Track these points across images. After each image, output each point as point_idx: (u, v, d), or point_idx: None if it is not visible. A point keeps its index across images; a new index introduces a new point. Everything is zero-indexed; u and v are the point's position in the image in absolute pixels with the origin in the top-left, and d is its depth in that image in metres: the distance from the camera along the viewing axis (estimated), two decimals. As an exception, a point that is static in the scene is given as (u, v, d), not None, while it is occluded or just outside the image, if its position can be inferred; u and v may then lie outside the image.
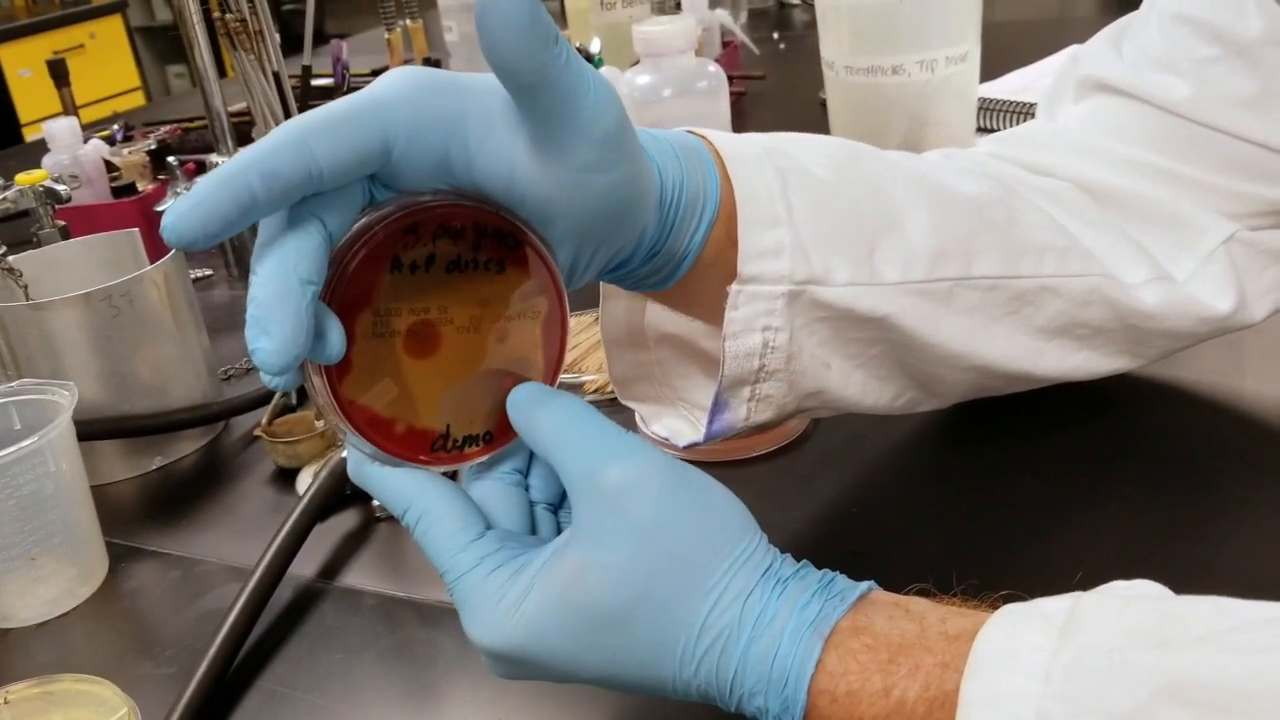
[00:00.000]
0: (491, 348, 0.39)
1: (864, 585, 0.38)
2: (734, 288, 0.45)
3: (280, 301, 0.34)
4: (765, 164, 0.46)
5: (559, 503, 0.42)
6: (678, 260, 0.45)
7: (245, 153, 0.34)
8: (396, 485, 0.40)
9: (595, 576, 0.37)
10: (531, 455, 0.42)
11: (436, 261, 0.38)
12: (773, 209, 0.45)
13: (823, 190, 0.47)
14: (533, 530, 0.41)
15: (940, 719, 0.34)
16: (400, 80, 0.37)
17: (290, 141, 0.34)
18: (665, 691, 0.38)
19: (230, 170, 0.34)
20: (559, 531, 0.41)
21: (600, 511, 0.37)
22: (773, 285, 0.45)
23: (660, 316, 0.52)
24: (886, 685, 0.35)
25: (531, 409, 0.39)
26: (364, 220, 0.37)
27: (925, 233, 0.49)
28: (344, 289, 0.36)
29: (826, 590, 0.38)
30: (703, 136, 0.46)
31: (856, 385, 0.50)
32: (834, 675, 0.36)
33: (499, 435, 0.40)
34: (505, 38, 0.34)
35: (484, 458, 0.40)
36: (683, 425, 0.53)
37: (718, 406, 0.48)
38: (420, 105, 0.36)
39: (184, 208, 0.34)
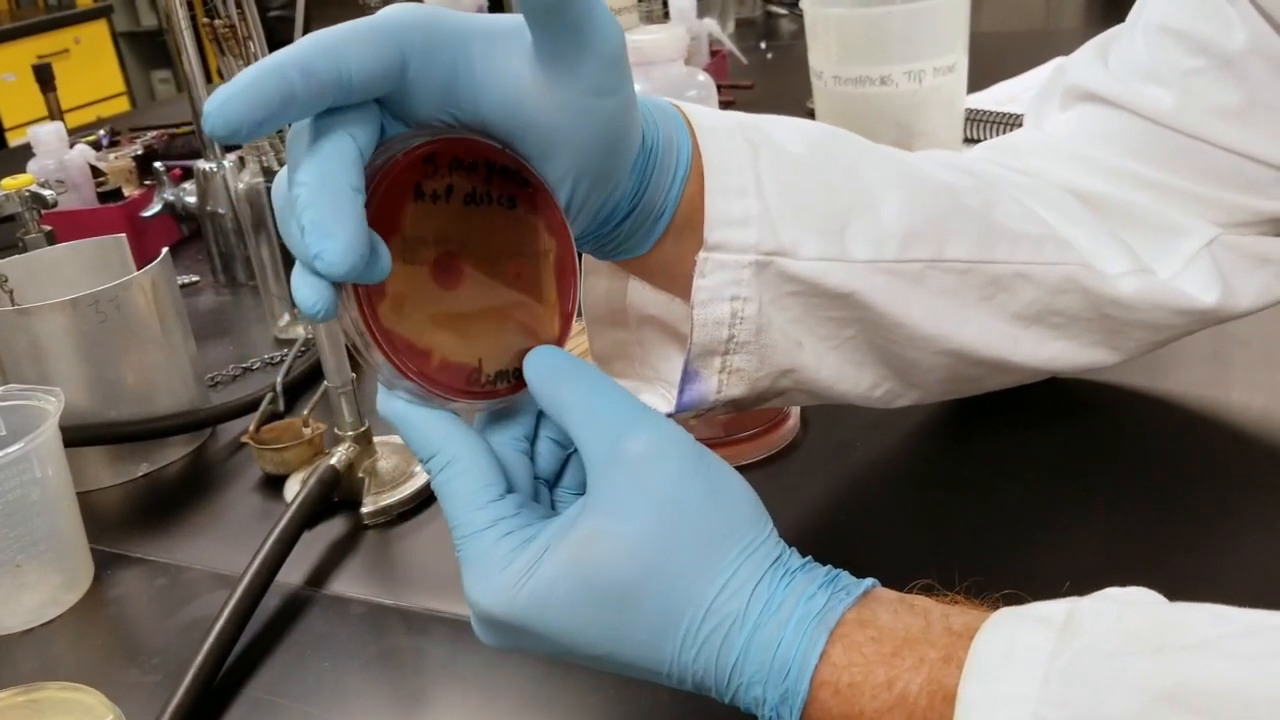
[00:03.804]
0: (511, 284, 0.40)
1: (868, 581, 0.38)
2: (701, 255, 0.46)
3: (337, 202, 0.34)
4: (737, 136, 0.47)
5: (554, 481, 0.42)
6: (655, 217, 0.45)
7: (279, 53, 0.34)
8: (427, 427, 0.39)
9: (607, 546, 0.37)
10: (536, 426, 0.42)
11: (454, 193, 0.38)
12: (741, 179, 0.46)
13: (795, 166, 0.48)
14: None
15: (942, 712, 0.34)
16: (409, 7, 0.37)
17: (321, 45, 0.34)
18: (659, 676, 0.38)
19: (269, 65, 0.34)
20: (553, 508, 0.41)
21: (619, 481, 0.37)
22: (739, 254, 0.46)
23: (642, 296, 0.53)
24: (890, 678, 0.35)
25: (554, 378, 0.39)
26: (382, 150, 0.37)
27: (898, 214, 0.49)
28: (374, 212, 0.36)
29: (832, 584, 0.38)
30: (677, 107, 0.47)
31: (831, 368, 0.50)
32: (838, 667, 0.36)
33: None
34: None
35: (513, 396, 0.40)
36: (658, 402, 0.53)
37: (688, 376, 0.48)
38: (431, 26, 0.37)
39: (228, 94, 0.33)
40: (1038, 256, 0.53)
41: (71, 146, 1.14)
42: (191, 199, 1.10)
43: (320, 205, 0.34)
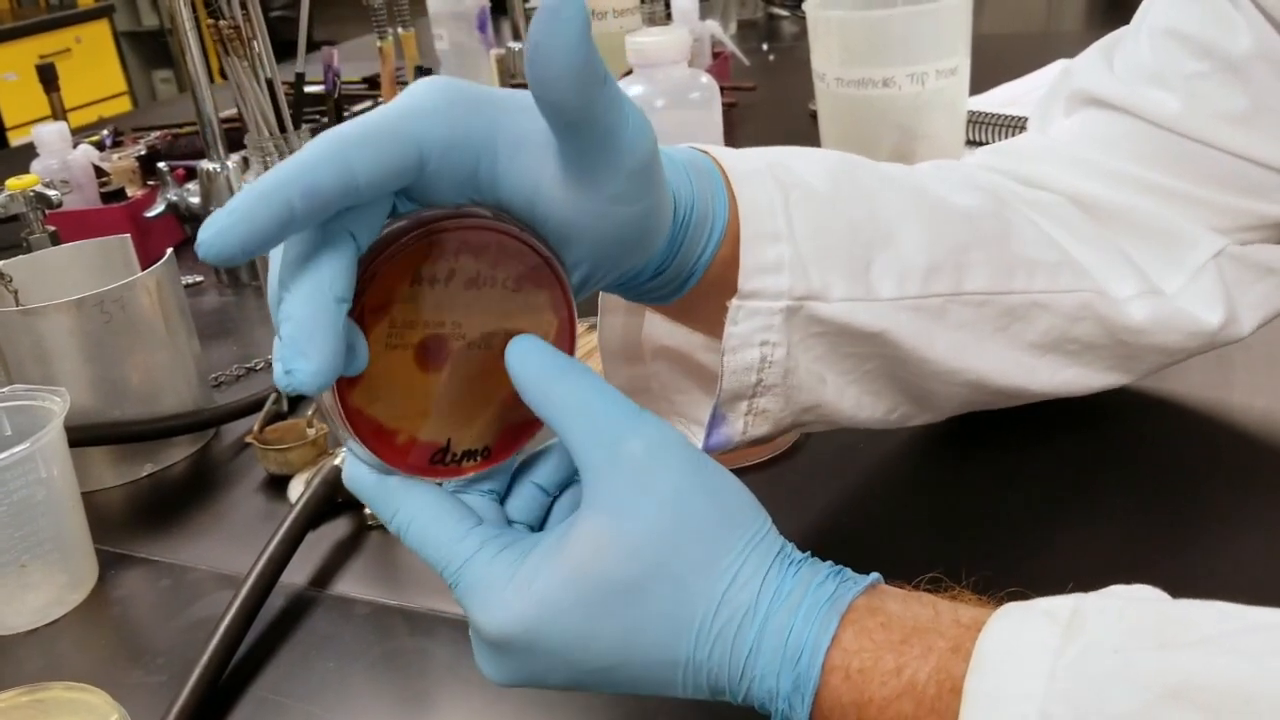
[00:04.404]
0: (498, 365, 0.39)
1: (873, 575, 0.38)
2: (734, 303, 0.45)
3: (318, 323, 0.34)
4: (767, 178, 0.47)
5: (540, 525, 0.42)
6: (683, 278, 0.45)
7: (284, 167, 0.34)
8: (382, 489, 0.39)
9: (614, 546, 0.36)
10: (513, 481, 0.42)
11: (456, 277, 0.37)
12: (774, 224, 0.46)
13: (821, 204, 0.48)
14: None
15: (949, 703, 0.34)
16: (433, 93, 0.36)
17: (330, 156, 0.34)
18: (674, 684, 0.37)
19: (270, 185, 0.33)
20: None
21: (620, 482, 0.37)
22: (772, 301, 0.46)
23: (658, 329, 0.53)
24: (899, 665, 0.35)
25: (544, 374, 0.38)
26: (388, 232, 0.37)
27: (919, 247, 0.50)
28: (365, 299, 0.36)
29: (839, 574, 0.38)
30: (707, 153, 0.47)
31: (851, 400, 0.51)
32: (848, 652, 0.36)
33: (497, 451, 0.40)
34: (556, 77, 0.34)
35: (479, 473, 0.40)
36: None
37: (715, 420, 0.48)
38: (454, 121, 0.36)
39: (224, 224, 0.33)
40: (1054, 284, 0.53)
41: (75, 146, 1.14)
42: (195, 199, 1.10)
43: (300, 319, 0.34)
